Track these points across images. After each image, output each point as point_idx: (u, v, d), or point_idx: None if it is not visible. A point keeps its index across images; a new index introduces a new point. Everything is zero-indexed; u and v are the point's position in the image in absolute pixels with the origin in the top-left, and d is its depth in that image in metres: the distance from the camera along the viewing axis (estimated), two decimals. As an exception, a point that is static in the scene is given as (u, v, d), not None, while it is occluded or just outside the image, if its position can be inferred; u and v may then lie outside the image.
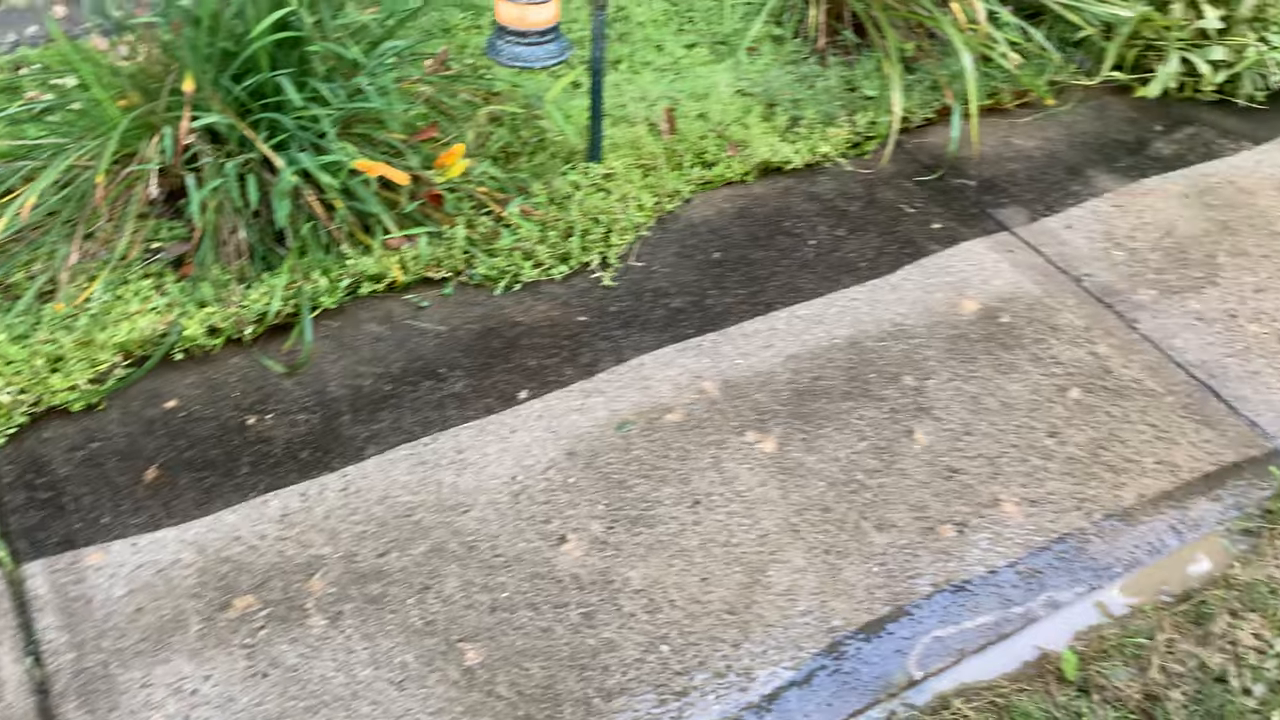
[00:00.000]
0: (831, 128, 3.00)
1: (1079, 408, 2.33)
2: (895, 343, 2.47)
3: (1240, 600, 1.97)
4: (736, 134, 2.93)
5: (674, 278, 2.61)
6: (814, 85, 3.15)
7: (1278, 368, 2.44)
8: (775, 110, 3.04)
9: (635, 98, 3.01)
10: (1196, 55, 3.18)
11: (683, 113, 2.98)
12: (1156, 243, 2.78)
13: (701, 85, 3.08)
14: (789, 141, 2.96)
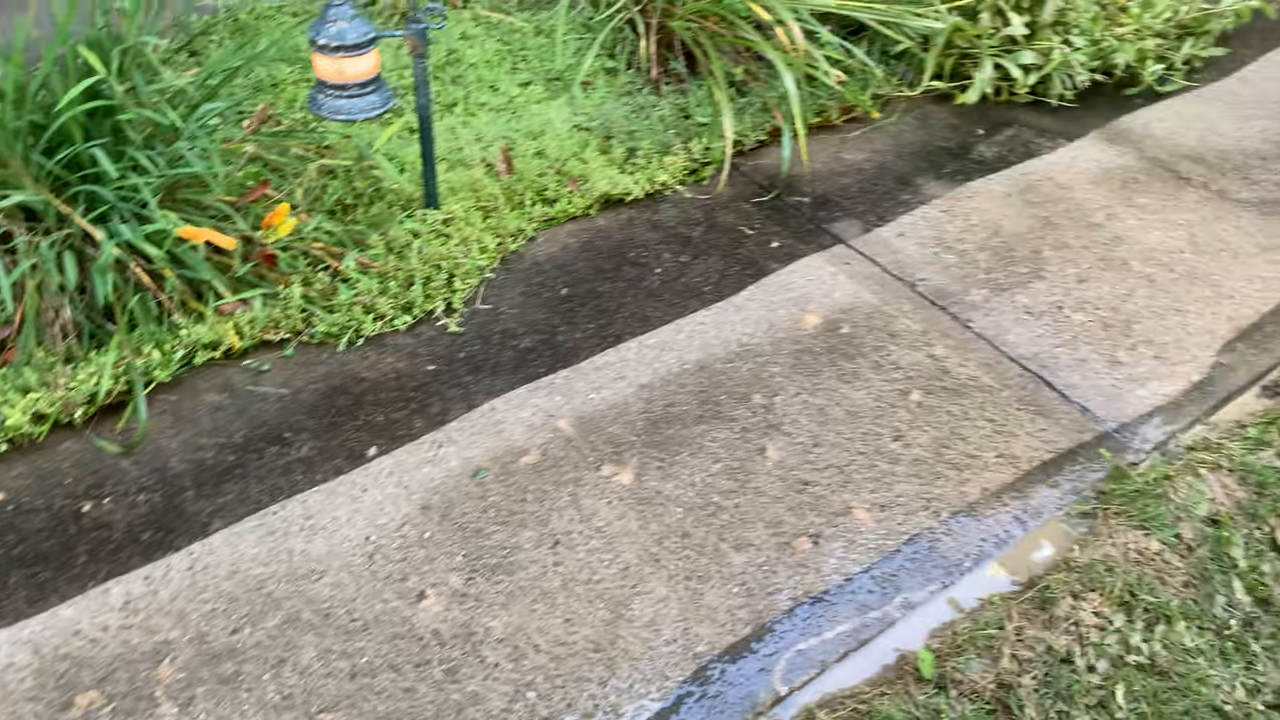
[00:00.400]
0: (668, 156, 3.05)
1: (921, 410, 2.41)
2: (743, 362, 2.51)
3: (1081, 582, 2.05)
4: (575, 169, 2.95)
5: (522, 317, 2.61)
6: (649, 115, 3.20)
7: (1103, 354, 2.57)
8: (612, 143, 3.08)
9: (472, 140, 3.01)
10: (1008, 60, 3.35)
11: (520, 151, 2.99)
12: (984, 243, 2.90)
13: (538, 123, 3.09)
14: (628, 173, 3.00)
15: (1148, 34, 3.50)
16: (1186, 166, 3.22)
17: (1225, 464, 2.31)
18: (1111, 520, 2.18)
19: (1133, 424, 2.40)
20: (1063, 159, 3.22)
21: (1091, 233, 2.93)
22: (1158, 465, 2.30)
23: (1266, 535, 2.16)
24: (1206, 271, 2.82)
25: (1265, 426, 2.39)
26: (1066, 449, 2.34)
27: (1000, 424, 2.39)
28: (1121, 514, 2.19)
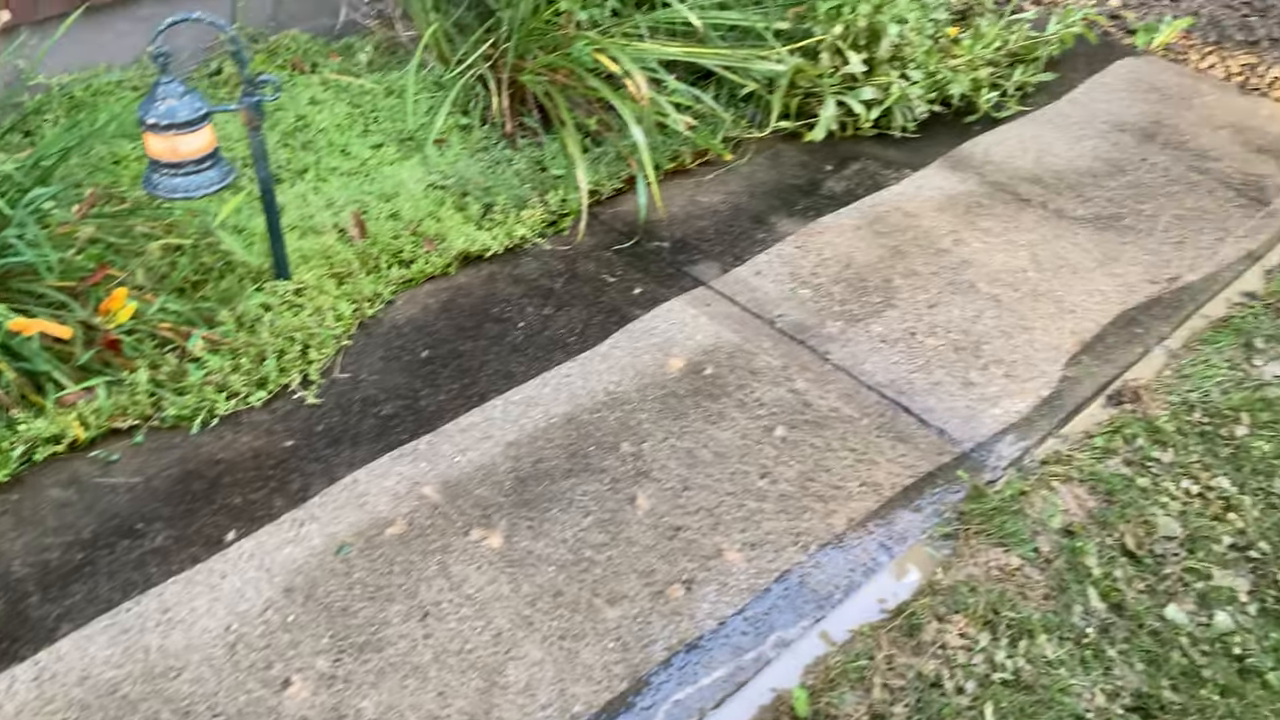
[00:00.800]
0: (526, 210, 3.05)
1: (786, 444, 2.45)
2: (611, 411, 2.52)
3: (945, 604, 2.10)
4: (431, 228, 2.93)
5: (383, 383, 2.57)
6: (505, 170, 3.20)
7: (956, 376, 2.65)
8: (469, 199, 3.07)
9: (323, 206, 2.97)
10: (850, 97, 3.45)
11: (374, 214, 2.96)
12: (838, 275, 2.97)
13: (391, 184, 3.07)
14: (485, 229, 2.99)
15: (980, 64, 3.66)
16: (1025, 188, 3.36)
17: (1076, 475, 2.40)
18: (972, 540, 2.24)
19: (988, 443, 2.48)
20: (908, 189, 3.33)
21: (939, 258, 3.04)
22: (1013, 481, 2.38)
23: (1117, 541, 2.25)
24: (1049, 288, 2.94)
25: (1110, 435, 2.50)
26: (926, 472, 2.40)
27: (862, 453, 2.44)
28: (981, 533, 2.26)
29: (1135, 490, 2.36)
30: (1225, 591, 2.16)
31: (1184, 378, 2.67)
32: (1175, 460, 2.44)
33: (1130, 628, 2.09)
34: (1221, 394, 2.62)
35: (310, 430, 2.43)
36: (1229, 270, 3.05)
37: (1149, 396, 2.59)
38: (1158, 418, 2.54)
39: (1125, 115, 3.78)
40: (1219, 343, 2.78)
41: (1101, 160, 3.52)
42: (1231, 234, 3.19)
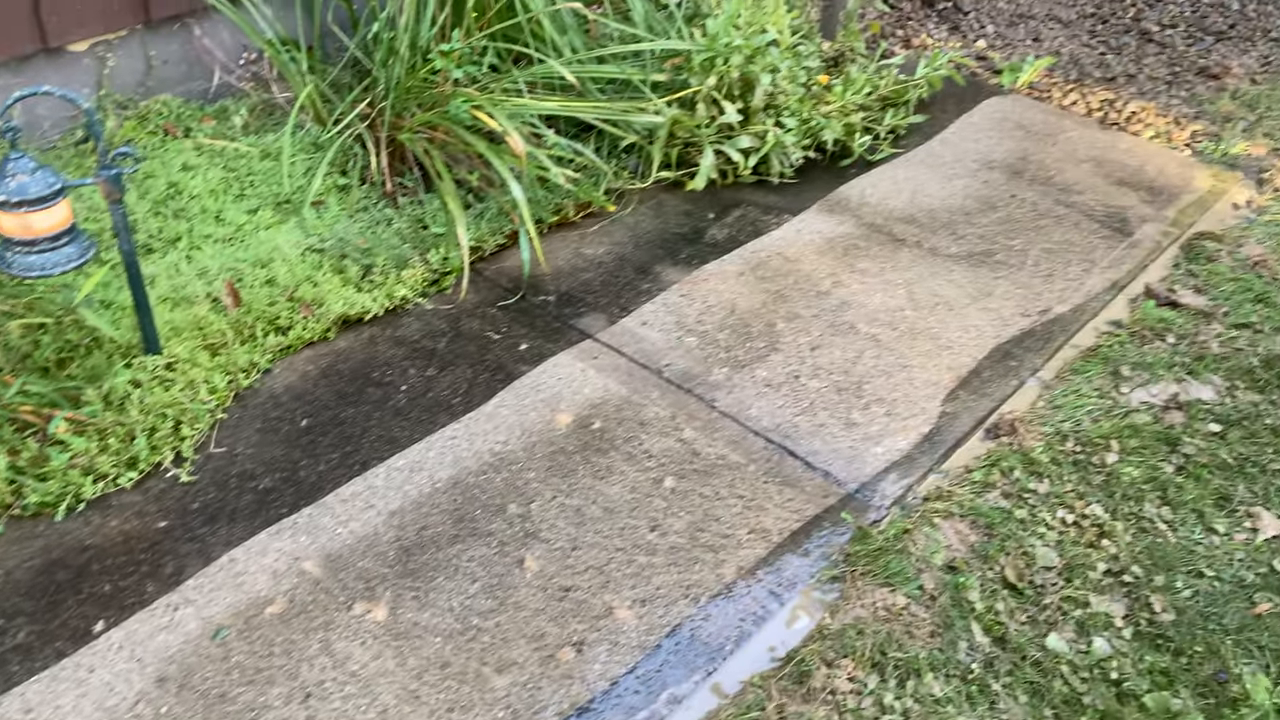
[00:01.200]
0: (407, 270, 3.02)
1: (675, 496, 2.45)
2: (497, 472, 2.49)
3: (834, 649, 2.12)
4: (308, 293, 2.88)
5: (260, 456, 2.50)
6: (385, 230, 3.17)
7: (839, 417, 2.70)
8: (347, 262, 3.03)
9: (196, 275, 2.89)
10: (728, 146, 3.51)
11: (249, 282, 2.90)
12: (723, 322, 3.00)
13: (266, 250, 3.01)
14: (365, 290, 2.95)
15: (852, 109, 3.76)
16: (900, 228, 3.45)
17: (957, 510, 2.45)
18: (859, 581, 2.27)
19: (872, 482, 2.52)
20: (788, 233, 3.39)
21: (820, 301, 3.09)
22: (897, 520, 2.41)
23: (998, 574, 2.30)
24: (926, 326, 3.02)
25: (988, 468, 2.56)
26: (813, 515, 2.43)
27: (750, 499, 2.45)
28: (868, 573, 2.28)
29: (1014, 522, 2.42)
30: (1102, 617, 2.22)
31: (1056, 408, 2.75)
32: (1050, 490, 2.51)
33: (1013, 660, 2.12)
34: (1092, 422, 2.71)
35: (185, 509, 2.35)
36: (1096, 300, 3.17)
37: (1024, 428, 2.66)
38: (1033, 449, 2.61)
39: (994, 153, 3.92)
40: (1088, 372, 2.88)
41: (973, 198, 3.64)
42: (1097, 265, 3.31)
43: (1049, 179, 3.76)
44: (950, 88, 4.28)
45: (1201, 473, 2.56)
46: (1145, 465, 2.58)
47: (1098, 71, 4.64)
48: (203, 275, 2.90)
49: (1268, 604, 2.25)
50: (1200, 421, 2.72)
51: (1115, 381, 2.85)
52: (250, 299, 2.83)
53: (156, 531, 2.30)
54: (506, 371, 2.79)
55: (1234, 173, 3.89)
